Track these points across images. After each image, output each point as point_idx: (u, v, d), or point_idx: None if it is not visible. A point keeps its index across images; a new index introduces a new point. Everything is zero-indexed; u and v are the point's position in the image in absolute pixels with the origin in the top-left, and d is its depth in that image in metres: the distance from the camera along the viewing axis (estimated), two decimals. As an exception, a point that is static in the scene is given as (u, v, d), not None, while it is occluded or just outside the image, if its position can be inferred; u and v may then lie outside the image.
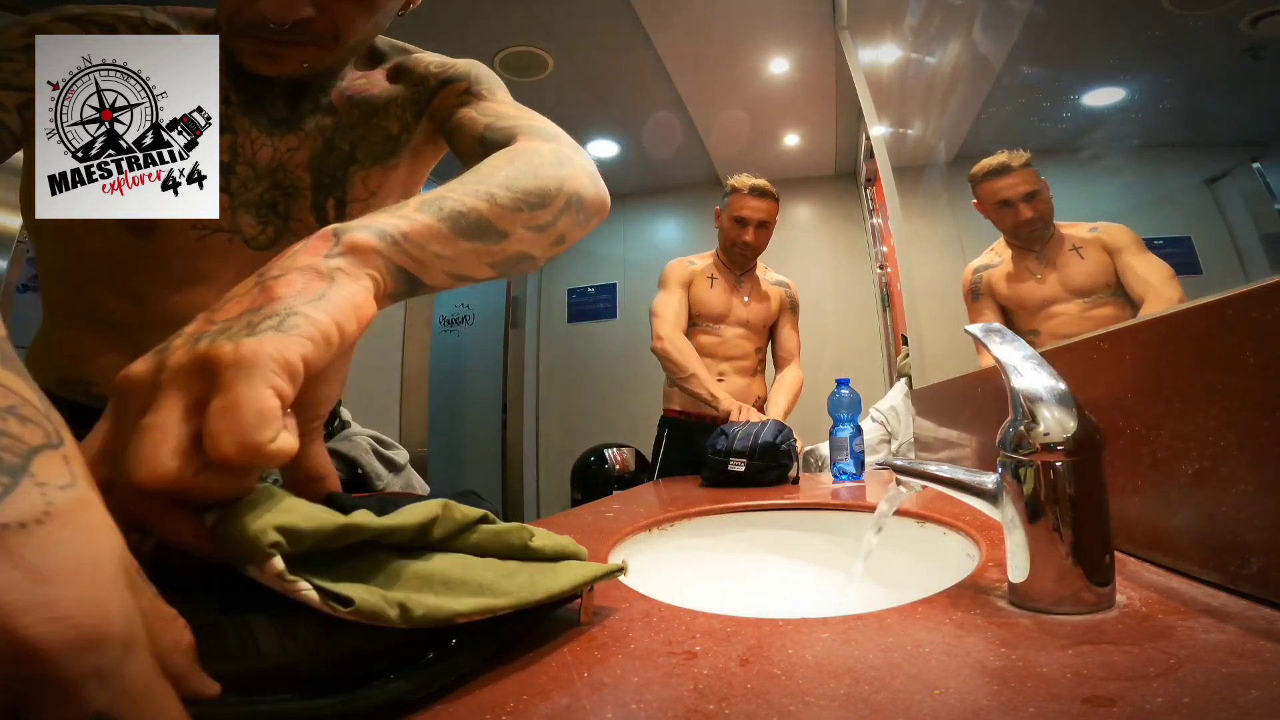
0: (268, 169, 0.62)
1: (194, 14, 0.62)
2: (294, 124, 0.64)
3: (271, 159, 0.63)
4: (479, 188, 0.44)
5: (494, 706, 0.28)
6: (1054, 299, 0.91)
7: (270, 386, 0.25)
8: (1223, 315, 0.37)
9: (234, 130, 0.60)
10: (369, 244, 0.35)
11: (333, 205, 0.66)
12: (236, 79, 0.61)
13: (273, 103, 0.63)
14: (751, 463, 1.15)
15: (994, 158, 1.01)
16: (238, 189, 0.62)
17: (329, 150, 0.65)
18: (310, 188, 0.65)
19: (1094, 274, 0.83)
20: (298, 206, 0.65)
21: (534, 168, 0.50)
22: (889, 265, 3.07)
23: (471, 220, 0.42)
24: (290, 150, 0.63)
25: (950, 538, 0.64)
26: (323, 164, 0.65)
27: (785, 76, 3.03)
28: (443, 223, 0.40)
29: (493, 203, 0.44)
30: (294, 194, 0.64)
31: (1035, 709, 0.24)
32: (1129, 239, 0.78)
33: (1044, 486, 0.36)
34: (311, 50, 0.57)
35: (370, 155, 0.67)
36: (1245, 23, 0.51)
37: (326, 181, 0.65)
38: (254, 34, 0.54)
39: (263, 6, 0.52)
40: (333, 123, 0.65)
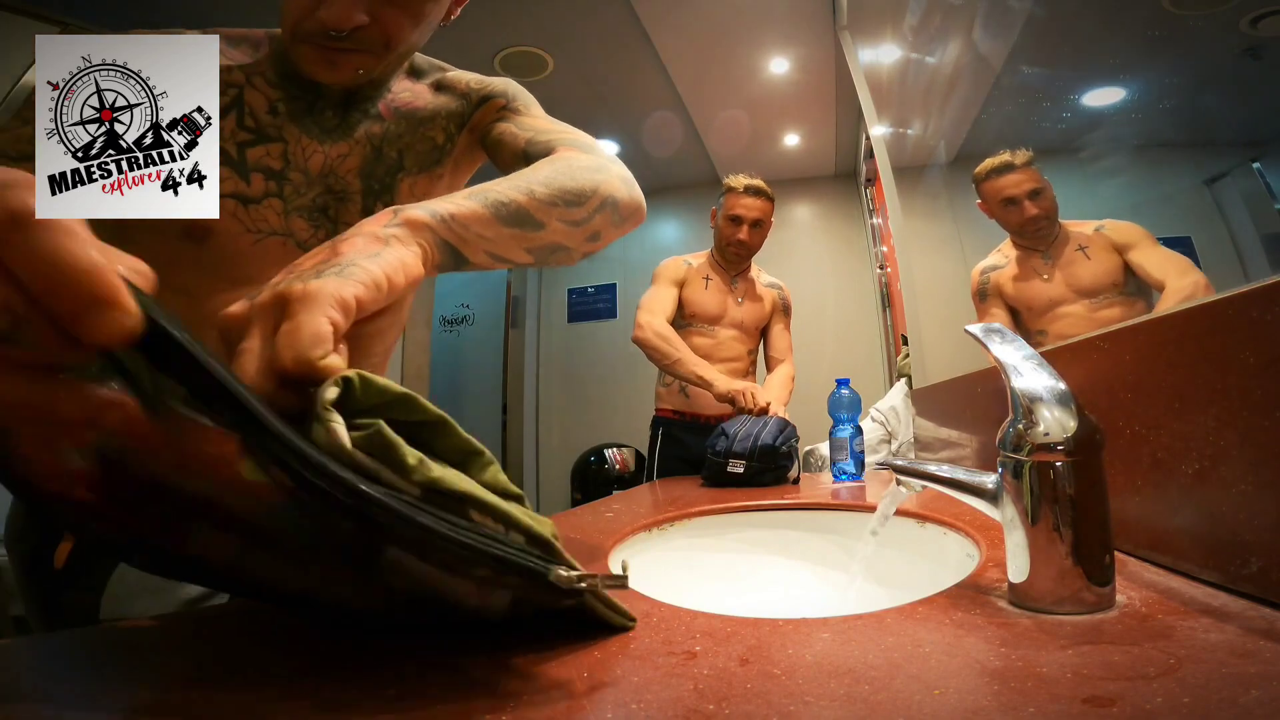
0: (319, 175, 0.66)
1: (245, 34, 0.66)
2: (344, 132, 0.67)
3: (323, 165, 0.66)
4: (520, 183, 0.50)
5: (494, 707, 0.28)
6: (1060, 300, 0.91)
7: (325, 316, 0.31)
8: (1223, 315, 0.37)
9: (285, 139, 0.63)
10: (422, 219, 0.41)
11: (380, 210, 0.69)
12: (287, 90, 0.64)
13: (323, 111, 0.66)
14: (750, 465, 1.14)
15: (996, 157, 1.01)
16: (290, 194, 0.64)
17: (378, 157, 0.69)
18: (360, 193, 0.68)
19: (1100, 275, 0.83)
20: (348, 211, 0.68)
21: (572, 171, 0.56)
22: (889, 265, 3.07)
23: (512, 210, 0.48)
24: (341, 157, 0.67)
25: (950, 538, 0.64)
26: (372, 170, 0.68)
27: (785, 76, 3.03)
28: (487, 209, 0.46)
29: (531, 196, 0.50)
30: (345, 199, 0.67)
31: (1035, 709, 0.24)
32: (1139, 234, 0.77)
33: (1044, 486, 0.36)
34: (365, 57, 0.61)
35: (417, 163, 0.71)
36: (1245, 23, 0.51)
37: (376, 187, 0.69)
38: (315, 41, 0.58)
39: (323, 15, 0.56)
40: (381, 131, 0.69)
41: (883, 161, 1.95)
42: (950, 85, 1.29)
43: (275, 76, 0.64)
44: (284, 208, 0.64)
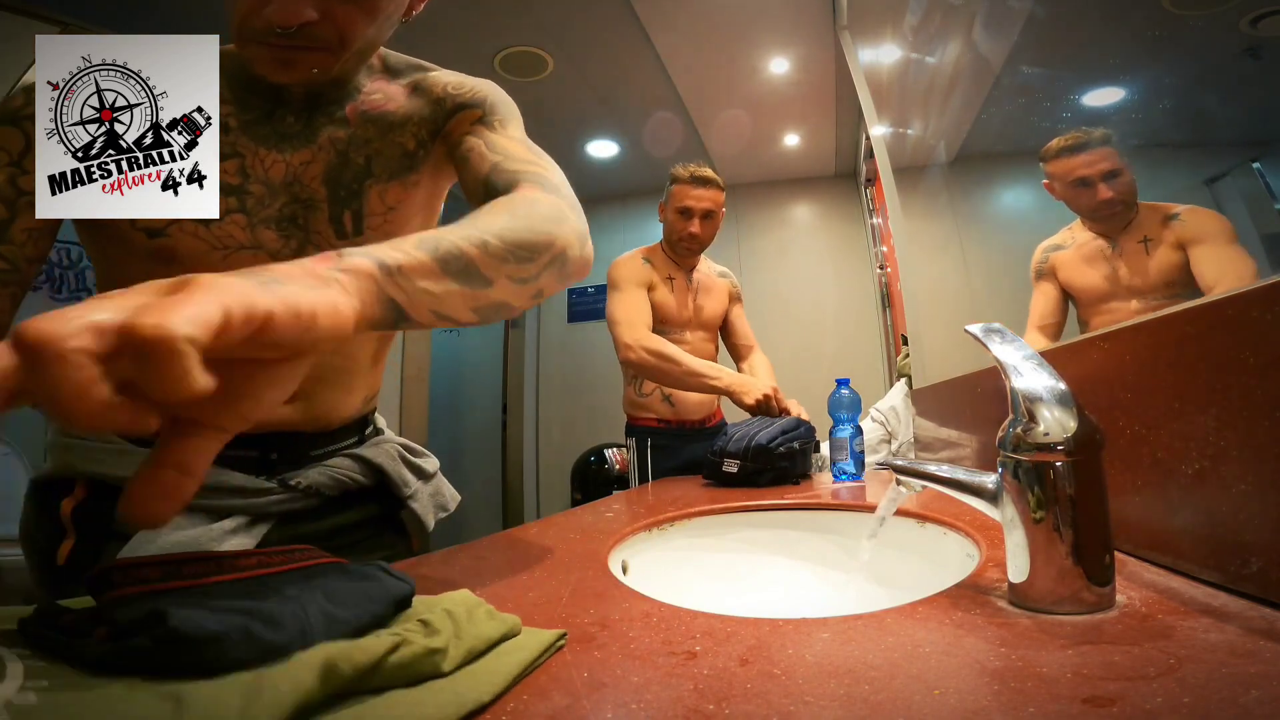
0: (283, 184, 0.63)
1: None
2: (307, 137, 0.64)
3: (286, 173, 0.63)
4: (473, 233, 0.45)
5: (494, 707, 0.28)
6: (1111, 294, 0.85)
7: (221, 305, 0.25)
8: (1223, 315, 0.37)
9: (240, 153, 0.61)
10: (366, 269, 0.36)
11: (350, 218, 0.66)
12: (241, 101, 0.62)
13: (284, 118, 0.63)
14: (745, 465, 1.13)
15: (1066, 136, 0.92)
16: (254, 207, 0.62)
17: (344, 163, 0.65)
18: (327, 200, 0.65)
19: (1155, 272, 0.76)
20: (316, 219, 0.65)
21: (530, 221, 0.51)
22: (889, 265, 3.07)
23: (463, 264, 0.43)
24: (304, 164, 0.64)
25: (950, 538, 0.64)
26: (338, 177, 0.65)
27: (785, 76, 3.03)
28: (436, 261, 0.41)
29: (484, 250, 0.45)
30: (312, 207, 0.64)
31: (1035, 709, 0.24)
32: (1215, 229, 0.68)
33: (1044, 486, 0.36)
34: (321, 55, 0.58)
35: (386, 170, 0.67)
36: (1245, 23, 0.51)
37: (342, 194, 0.65)
38: (265, 40, 0.55)
39: (269, 12, 0.53)
40: (346, 136, 0.65)
41: (883, 161, 1.95)
42: (950, 85, 1.29)
43: (226, 90, 0.61)
44: (248, 221, 0.61)
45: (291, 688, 0.24)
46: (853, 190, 3.94)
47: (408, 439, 0.83)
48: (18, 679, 0.24)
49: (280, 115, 0.63)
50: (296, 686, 0.24)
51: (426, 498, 0.79)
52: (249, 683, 0.24)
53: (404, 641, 0.28)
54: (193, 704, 0.23)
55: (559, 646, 0.34)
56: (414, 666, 0.28)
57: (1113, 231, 0.87)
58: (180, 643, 0.25)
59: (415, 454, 0.81)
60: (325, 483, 0.68)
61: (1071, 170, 0.93)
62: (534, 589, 0.50)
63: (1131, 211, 0.86)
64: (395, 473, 0.75)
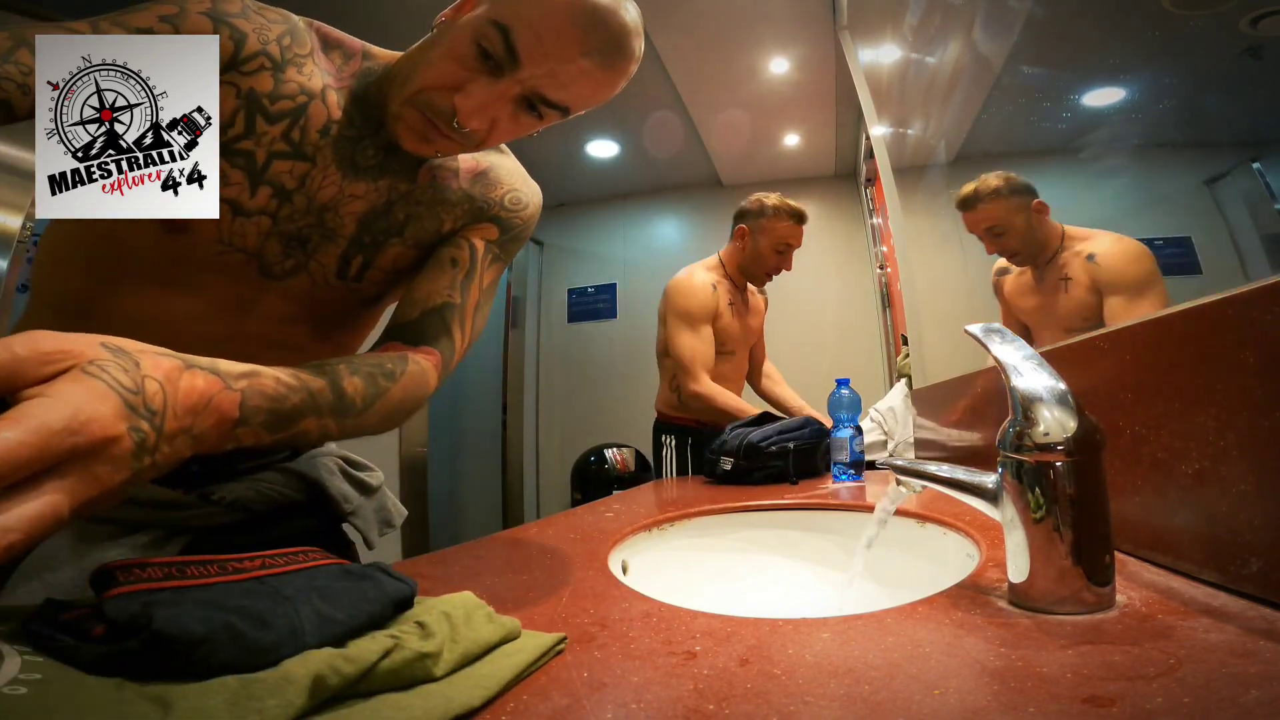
0: (321, 206, 0.61)
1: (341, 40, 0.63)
2: (373, 175, 0.63)
3: (331, 198, 0.61)
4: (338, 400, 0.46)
5: (494, 707, 0.28)
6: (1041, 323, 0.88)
7: (56, 511, 0.25)
8: (1223, 315, 0.37)
9: (315, 161, 0.59)
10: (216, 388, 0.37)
11: (358, 264, 0.65)
12: (350, 116, 0.60)
13: (366, 149, 0.62)
14: (738, 462, 1.17)
15: (969, 184, 0.98)
16: (285, 216, 0.60)
17: (384, 213, 0.65)
18: (349, 239, 0.64)
19: (1073, 311, 0.78)
20: (327, 251, 0.63)
21: (395, 403, 0.53)
22: (889, 265, 3.07)
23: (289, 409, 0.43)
24: (353, 196, 0.62)
25: (950, 538, 0.64)
26: (372, 222, 0.64)
27: (785, 76, 3.03)
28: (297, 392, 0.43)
29: (321, 415, 0.45)
30: (330, 238, 0.63)
31: (1035, 709, 0.24)
32: (1128, 281, 0.67)
33: (1044, 486, 0.36)
34: (455, 147, 0.59)
35: (414, 236, 0.67)
36: (1245, 23, 0.51)
37: (365, 240, 0.64)
38: (430, 115, 0.56)
39: (459, 106, 0.55)
40: (405, 190, 0.65)
41: (883, 161, 1.95)
42: (950, 85, 1.29)
43: (347, 99, 0.60)
44: (270, 227, 0.59)
45: (279, 703, 0.24)
46: (853, 190, 3.94)
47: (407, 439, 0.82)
48: (11, 672, 0.24)
49: (365, 145, 0.62)
50: (285, 705, 0.24)
51: (370, 513, 0.75)
52: (236, 690, 0.24)
53: (397, 645, 0.28)
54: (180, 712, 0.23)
55: (558, 651, 0.34)
56: (405, 670, 0.28)
57: (1036, 266, 0.88)
58: (166, 644, 0.25)
59: (358, 468, 0.77)
60: (251, 497, 0.64)
61: (968, 223, 0.99)
62: (534, 589, 0.50)
63: (1035, 254, 0.89)
64: (334, 488, 0.71)
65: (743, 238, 1.76)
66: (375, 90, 0.61)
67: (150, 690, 0.24)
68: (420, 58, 0.57)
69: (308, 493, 0.69)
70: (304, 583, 0.34)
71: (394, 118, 0.58)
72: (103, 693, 0.24)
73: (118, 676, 0.25)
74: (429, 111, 0.56)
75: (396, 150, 0.63)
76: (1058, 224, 0.86)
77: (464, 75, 0.55)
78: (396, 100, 0.57)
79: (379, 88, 0.60)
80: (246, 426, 0.39)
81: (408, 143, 0.58)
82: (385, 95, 0.60)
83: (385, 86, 0.60)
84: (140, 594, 0.28)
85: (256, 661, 0.26)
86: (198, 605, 0.28)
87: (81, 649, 0.27)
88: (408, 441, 2.69)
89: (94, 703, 0.23)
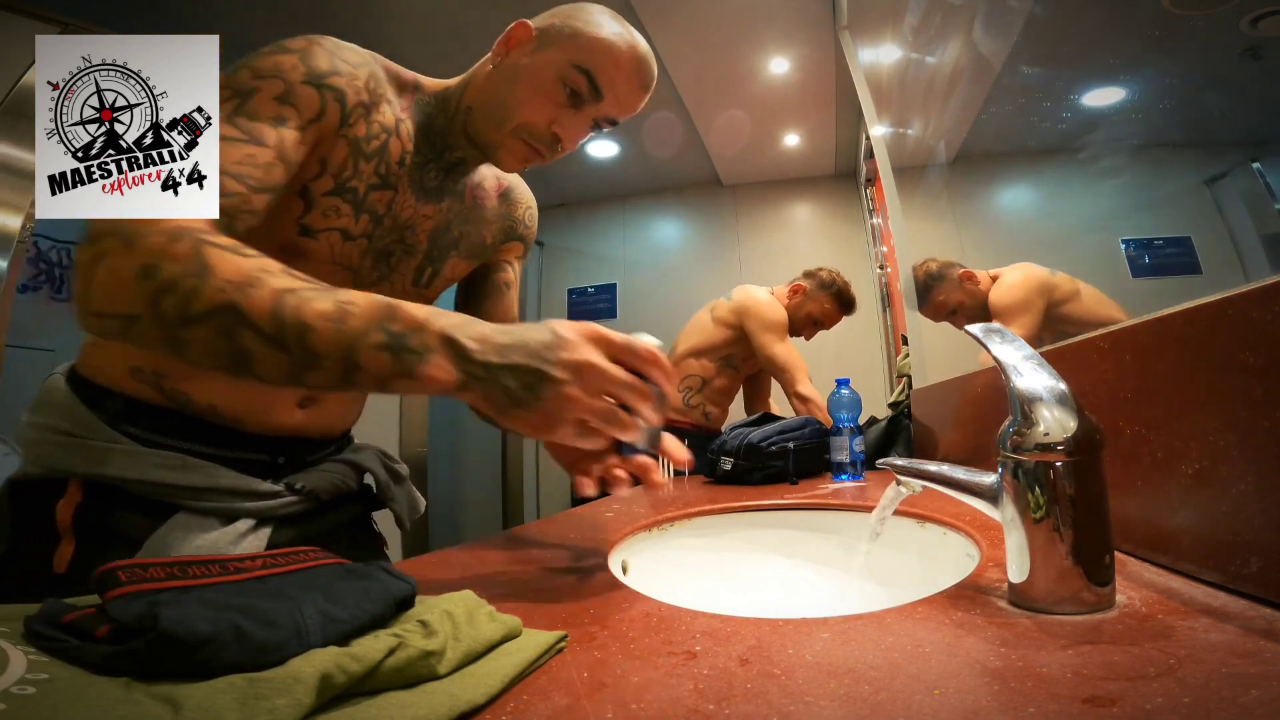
0: (402, 224, 0.70)
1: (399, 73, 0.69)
2: (437, 196, 0.73)
3: (409, 219, 0.71)
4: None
5: (494, 707, 0.28)
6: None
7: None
8: (1223, 315, 0.37)
9: (396, 189, 0.68)
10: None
11: (429, 274, 0.77)
12: (417, 144, 0.69)
13: (430, 172, 0.71)
14: (738, 462, 1.18)
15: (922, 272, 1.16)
16: (377, 237, 0.68)
17: (446, 229, 0.75)
18: (423, 254, 0.74)
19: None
20: (405, 265, 0.73)
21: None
22: (889, 265, 3.07)
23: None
24: (425, 218, 0.72)
25: (950, 538, 0.64)
26: (439, 239, 0.75)
27: (785, 76, 3.03)
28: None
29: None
30: (409, 253, 0.73)
31: (1035, 709, 0.24)
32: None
33: (1044, 486, 0.36)
34: (545, 162, 0.71)
35: (466, 249, 0.79)
36: (1245, 23, 0.51)
37: (435, 254, 0.76)
38: (534, 145, 0.68)
39: (561, 135, 0.67)
40: (459, 210, 0.76)
41: (883, 161, 1.95)
42: (950, 85, 1.29)
43: (412, 128, 0.69)
44: (367, 247, 0.68)
45: (288, 702, 0.24)
46: (853, 190, 3.93)
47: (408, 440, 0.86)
48: (19, 672, 0.24)
49: (430, 170, 0.71)
50: (294, 704, 0.24)
51: (404, 500, 0.81)
52: (244, 690, 0.24)
53: (401, 644, 0.28)
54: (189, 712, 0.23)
55: (559, 649, 0.34)
56: (409, 669, 0.28)
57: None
58: (172, 645, 0.25)
59: (391, 460, 0.84)
60: (324, 486, 0.69)
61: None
62: (534, 589, 0.50)
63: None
64: (380, 475, 0.78)
65: (796, 294, 1.93)
66: (438, 120, 0.70)
67: (157, 690, 0.24)
68: (507, 94, 0.67)
69: (357, 481, 0.77)
70: (306, 582, 0.34)
71: (496, 145, 0.68)
72: (111, 692, 0.24)
73: (123, 676, 0.25)
74: (532, 140, 0.67)
75: (451, 172, 0.73)
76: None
77: (555, 110, 0.67)
78: (496, 132, 0.67)
79: (441, 117, 0.70)
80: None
81: (508, 165, 0.70)
82: (450, 123, 0.70)
83: (450, 116, 0.70)
84: (144, 594, 0.28)
85: (262, 661, 0.26)
86: (203, 605, 0.28)
87: (87, 649, 0.26)
88: (408, 441, 2.69)
89: (103, 702, 0.23)
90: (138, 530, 0.57)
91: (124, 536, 0.57)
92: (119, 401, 0.60)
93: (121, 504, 0.58)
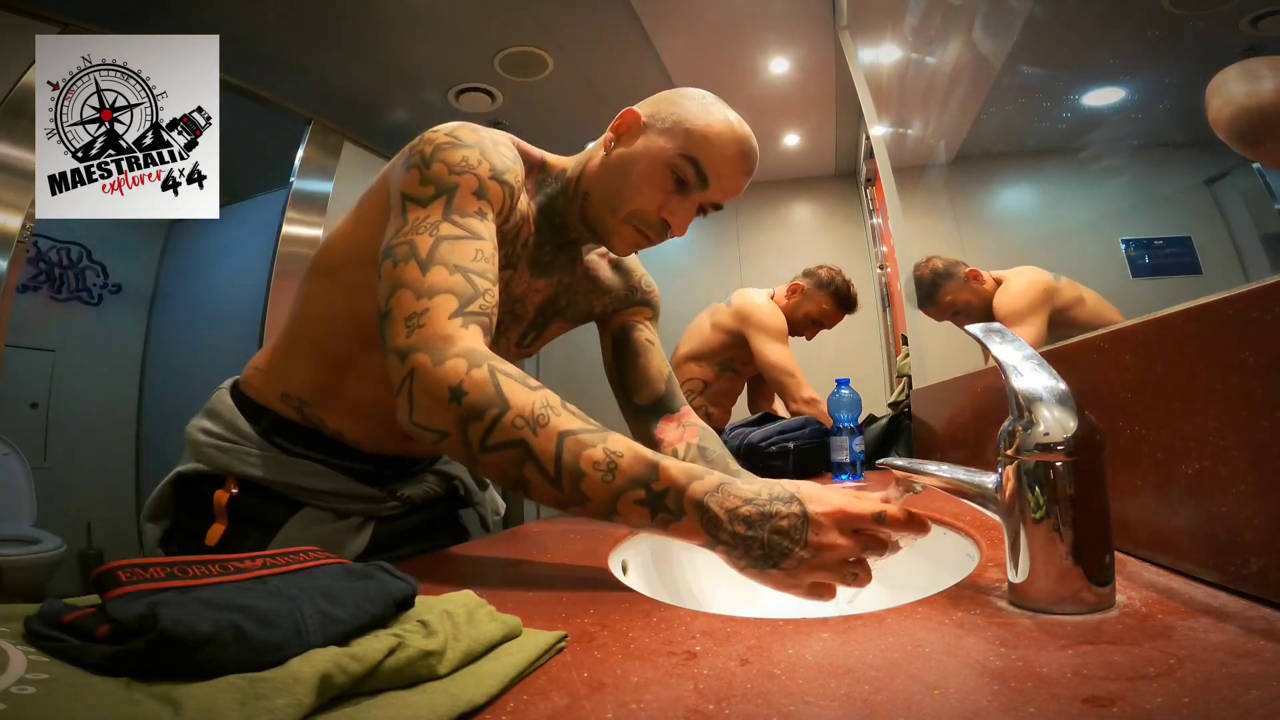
0: (513, 299, 0.75)
1: (529, 153, 0.73)
2: (548, 271, 0.77)
3: (520, 293, 0.75)
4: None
5: (495, 706, 0.28)
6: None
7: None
8: (1223, 315, 0.37)
9: (515, 267, 0.72)
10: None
11: (531, 337, 0.81)
12: (538, 225, 0.73)
13: (545, 249, 0.75)
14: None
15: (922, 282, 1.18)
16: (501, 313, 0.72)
17: (554, 300, 0.80)
18: (529, 323, 0.79)
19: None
20: (511, 331, 0.77)
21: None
22: (889, 265, 3.07)
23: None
24: (536, 291, 0.77)
25: (950, 538, 0.64)
26: (545, 309, 0.80)
27: (785, 76, 3.03)
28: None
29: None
30: (516, 322, 0.77)
31: (1035, 709, 0.24)
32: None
33: (1044, 486, 0.36)
34: (653, 245, 0.74)
35: (570, 317, 0.84)
36: (1245, 23, 0.51)
37: (539, 322, 0.80)
38: (645, 231, 0.71)
39: (672, 222, 0.70)
40: (569, 282, 0.81)
41: (883, 161, 1.95)
42: (950, 85, 1.29)
43: (537, 213, 0.73)
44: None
45: (288, 702, 0.24)
46: (853, 190, 3.93)
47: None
48: (19, 672, 0.24)
49: (546, 247, 0.75)
50: (295, 704, 0.24)
51: (488, 502, 0.93)
52: (244, 690, 0.24)
53: (401, 644, 0.28)
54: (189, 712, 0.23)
55: (559, 649, 0.34)
56: (409, 669, 0.28)
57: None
58: (172, 645, 0.25)
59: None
60: (417, 493, 0.81)
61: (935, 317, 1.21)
62: (534, 588, 0.50)
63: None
64: (468, 483, 0.89)
65: (794, 294, 1.89)
66: (559, 202, 0.74)
67: (158, 690, 0.24)
68: (619, 182, 0.70)
69: (445, 487, 0.86)
70: (306, 582, 0.34)
71: (610, 231, 0.72)
72: (111, 692, 0.24)
73: (123, 676, 0.25)
74: (643, 226, 0.71)
75: (563, 249, 0.77)
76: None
77: (664, 197, 0.70)
78: (611, 218, 0.71)
79: (561, 199, 0.74)
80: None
81: (620, 249, 0.74)
82: (569, 206, 0.73)
83: (569, 200, 0.73)
84: (145, 594, 0.28)
85: (262, 661, 0.26)
86: (203, 605, 0.28)
87: (87, 649, 0.26)
88: (408, 441, 2.68)
89: (103, 702, 0.23)
90: (274, 517, 0.70)
91: (265, 522, 0.69)
92: (270, 418, 0.73)
93: (265, 497, 0.71)
